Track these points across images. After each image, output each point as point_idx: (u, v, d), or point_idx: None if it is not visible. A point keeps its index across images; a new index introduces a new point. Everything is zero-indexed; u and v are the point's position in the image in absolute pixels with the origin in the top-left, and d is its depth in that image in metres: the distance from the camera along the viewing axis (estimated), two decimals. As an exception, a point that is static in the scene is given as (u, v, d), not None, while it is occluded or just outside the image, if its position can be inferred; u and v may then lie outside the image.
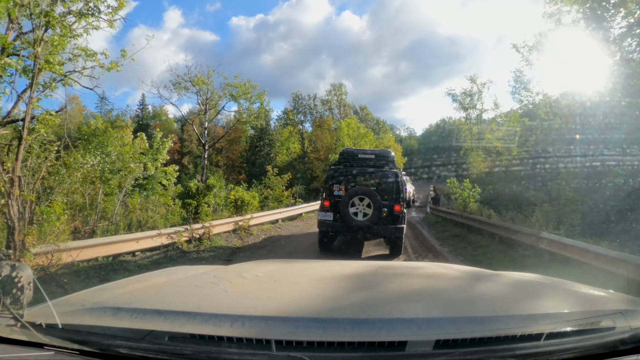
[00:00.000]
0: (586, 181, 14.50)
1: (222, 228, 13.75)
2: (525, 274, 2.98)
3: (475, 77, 48.87)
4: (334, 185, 11.02)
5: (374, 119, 65.63)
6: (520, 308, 1.93)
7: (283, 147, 53.52)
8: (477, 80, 48.62)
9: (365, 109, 64.67)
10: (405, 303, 1.98)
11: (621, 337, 1.58)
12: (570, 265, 8.66)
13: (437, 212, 25.54)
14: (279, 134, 55.62)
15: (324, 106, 57.85)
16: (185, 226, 11.78)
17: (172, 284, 2.33)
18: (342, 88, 58.94)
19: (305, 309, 1.80)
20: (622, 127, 13.84)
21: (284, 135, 54.41)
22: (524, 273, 3.07)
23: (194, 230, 11.85)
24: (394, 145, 52.09)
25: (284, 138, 54.10)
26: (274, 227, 16.84)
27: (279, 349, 1.42)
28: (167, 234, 10.76)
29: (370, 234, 10.84)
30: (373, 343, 1.47)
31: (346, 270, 2.93)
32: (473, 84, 48.70)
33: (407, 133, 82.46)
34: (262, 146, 53.59)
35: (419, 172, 37.10)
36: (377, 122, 65.93)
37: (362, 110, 63.76)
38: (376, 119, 66.60)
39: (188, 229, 11.62)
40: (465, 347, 1.47)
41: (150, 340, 1.47)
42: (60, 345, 1.48)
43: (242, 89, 24.71)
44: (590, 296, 2.31)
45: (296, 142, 54.75)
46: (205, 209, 14.02)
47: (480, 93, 48.58)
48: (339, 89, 58.42)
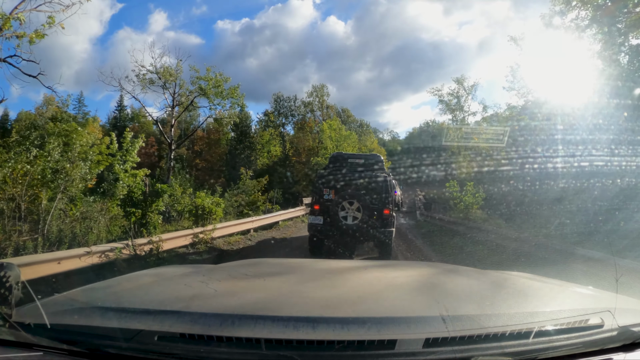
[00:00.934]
0: (574, 181, 14.62)
1: (177, 242, 11.20)
2: (514, 273, 3.00)
3: (462, 78, 48.46)
4: (324, 189, 11.07)
5: (356, 121, 64.63)
6: (509, 306, 1.94)
7: (264, 150, 51.74)
8: (465, 82, 48.26)
9: (347, 111, 63.44)
10: (394, 302, 1.98)
11: (609, 335, 1.59)
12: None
13: (431, 220, 22.90)
14: (260, 137, 53.64)
15: (306, 108, 56.20)
16: (126, 241, 9.44)
17: (161, 284, 2.32)
18: (324, 89, 57.35)
19: (294, 308, 1.80)
20: (610, 128, 14.00)
21: (265, 137, 52.51)
22: (513, 272, 3.09)
23: (138, 246, 9.51)
24: (377, 148, 51.48)
25: (265, 141, 52.26)
26: (243, 239, 14.74)
27: (269, 348, 1.42)
28: (101, 251, 8.42)
29: (360, 237, 10.88)
30: (363, 342, 1.47)
31: (335, 269, 2.93)
32: (460, 86, 48.28)
33: (390, 137, 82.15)
34: (242, 149, 51.12)
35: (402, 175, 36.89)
36: (360, 124, 64.96)
37: (345, 112, 62.43)
38: (359, 121, 65.51)
39: (129, 244, 9.33)
40: (454, 345, 1.47)
41: (140, 340, 1.46)
42: (49, 345, 1.47)
43: (212, 82, 22.94)
44: (578, 294, 2.33)
45: (277, 145, 53.03)
46: (154, 218, 11.46)
47: (468, 95, 48.19)
48: (321, 90, 56.78)
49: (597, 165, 13.91)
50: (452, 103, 48.57)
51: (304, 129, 51.72)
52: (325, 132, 42.04)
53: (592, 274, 7.40)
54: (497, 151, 21.87)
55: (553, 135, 16.76)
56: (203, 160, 53.06)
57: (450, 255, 12.05)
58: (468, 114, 48.02)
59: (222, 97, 23.59)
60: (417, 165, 34.27)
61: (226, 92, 23.44)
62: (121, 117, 59.11)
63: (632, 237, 9.53)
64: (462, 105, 48.39)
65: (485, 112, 42.21)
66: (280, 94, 57.22)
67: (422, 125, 74.91)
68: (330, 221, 10.63)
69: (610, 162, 13.48)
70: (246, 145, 51.37)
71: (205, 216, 13.48)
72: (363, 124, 65.77)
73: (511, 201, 18.89)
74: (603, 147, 13.92)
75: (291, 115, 56.56)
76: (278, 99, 56.74)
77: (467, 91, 48.20)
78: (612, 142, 13.69)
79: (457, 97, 48.41)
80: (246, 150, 51.04)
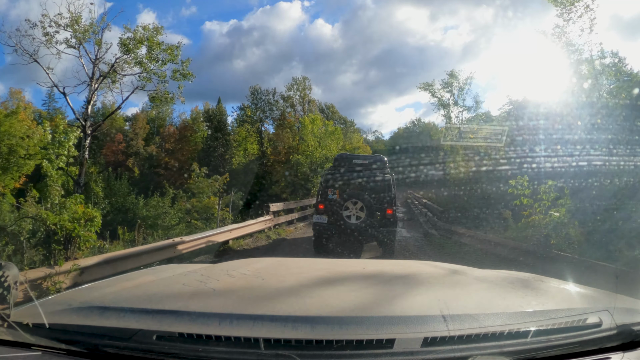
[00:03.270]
0: (573, 181, 14.64)
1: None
2: (513, 272, 3.01)
3: (456, 72, 44.20)
4: (329, 189, 11.41)
5: (341, 118, 59.10)
6: (508, 305, 1.94)
7: (240, 148, 47.07)
8: (460, 75, 43.86)
9: (332, 107, 58.09)
10: (393, 301, 1.99)
11: (607, 334, 1.60)
12: None
13: (462, 239, 14.12)
14: (237, 134, 48.89)
15: (286, 102, 51.12)
16: None
17: (160, 283, 2.32)
18: (306, 82, 51.99)
19: (293, 308, 1.80)
20: (608, 127, 14.02)
21: (242, 134, 47.92)
22: (512, 271, 3.10)
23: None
24: (362, 147, 50.05)
25: (242, 138, 47.66)
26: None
27: (268, 348, 1.42)
28: None
29: (363, 236, 11.19)
30: (361, 341, 1.47)
31: (334, 269, 2.93)
32: (454, 80, 43.94)
33: (374, 137, 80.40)
34: (217, 147, 45.92)
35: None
36: (345, 121, 59.24)
37: (329, 108, 57.25)
38: (344, 118, 59.91)
39: None
40: (453, 344, 1.47)
41: (138, 339, 1.46)
42: (48, 345, 1.47)
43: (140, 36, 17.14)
44: (577, 294, 2.34)
45: (255, 142, 48.38)
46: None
47: (462, 89, 44.27)
48: (303, 83, 51.42)
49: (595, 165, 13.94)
50: (445, 99, 44.81)
51: (284, 125, 47.72)
52: (306, 127, 37.63)
53: (591, 273, 7.43)
54: (495, 150, 21.78)
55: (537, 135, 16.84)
56: (175, 159, 47.32)
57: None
58: (463, 109, 44.91)
59: (155, 61, 17.85)
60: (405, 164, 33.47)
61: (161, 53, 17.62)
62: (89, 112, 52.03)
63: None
64: (456, 100, 44.91)
65: (479, 107, 40.93)
66: (257, 86, 52.29)
67: (407, 124, 72.65)
68: (334, 220, 11.00)
69: (609, 161, 13.51)
70: (221, 142, 46.71)
71: (71, 241, 7.23)
72: (347, 121, 60.22)
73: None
74: (601, 146, 13.94)
75: (270, 110, 51.85)
76: (255, 92, 51.71)
77: (463, 83, 44.54)
78: (610, 141, 13.72)
79: (451, 91, 44.63)
80: (220, 148, 46.27)
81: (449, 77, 43.95)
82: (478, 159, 28.18)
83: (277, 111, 50.88)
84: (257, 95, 51.14)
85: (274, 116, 50.98)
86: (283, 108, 50.39)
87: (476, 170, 28.10)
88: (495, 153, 21.27)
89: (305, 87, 51.12)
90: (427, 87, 44.87)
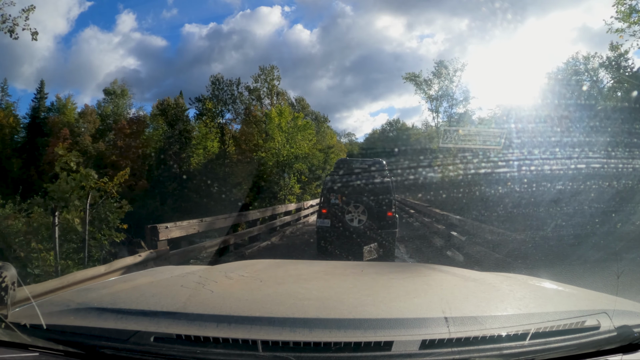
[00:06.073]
0: (571, 183, 14.66)
1: None
2: (511, 275, 3.01)
3: (445, 62, 40.45)
4: (331, 194, 11.67)
5: (313, 112, 51.12)
6: (506, 308, 1.94)
7: (200, 146, 41.72)
8: (450, 66, 40.03)
9: (303, 100, 50.51)
10: (391, 303, 1.98)
11: (605, 337, 1.59)
12: None
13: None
14: (197, 130, 43.28)
15: (252, 95, 44.82)
16: None
17: (158, 285, 2.31)
18: (275, 72, 45.43)
19: (291, 309, 1.80)
20: (607, 130, 14.06)
21: (202, 130, 42.33)
22: (510, 274, 3.10)
23: None
24: (337, 145, 47.66)
25: (202, 134, 42.15)
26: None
27: (265, 350, 1.42)
28: None
29: (365, 239, 11.34)
30: (359, 343, 1.47)
31: (333, 270, 2.93)
32: (443, 69, 40.13)
33: (347, 140, 76.75)
34: (172, 143, 40.11)
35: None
36: (317, 117, 50.68)
37: (299, 102, 49.71)
38: (316, 113, 51.57)
39: None
40: (451, 347, 1.47)
41: (136, 341, 1.46)
42: (45, 346, 1.47)
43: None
44: (575, 296, 2.33)
45: (216, 139, 42.53)
46: None
47: (452, 81, 40.28)
48: (270, 73, 44.98)
49: (593, 167, 13.96)
50: (432, 91, 41.11)
51: (250, 121, 43.06)
52: (273, 120, 33.48)
53: (590, 275, 7.43)
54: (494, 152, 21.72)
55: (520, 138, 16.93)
56: (125, 157, 39.10)
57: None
58: (456, 102, 40.97)
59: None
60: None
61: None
62: (40, 106, 45.63)
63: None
64: (447, 92, 40.90)
65: (468, 102, 38.72)
66: (220, 75, 46.02)
67: (384, 125, 68.97)
68: (337, 223, 11.29)
69: (607, 164, 13.53)
70: (176, 139, 40.88)
71: None
72: (319, 117, 52.04)
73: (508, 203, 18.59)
74: (600, 149, 13.97)
75: (233, 103, 45.38)
76: (217, 82, 45.25)
77: (454, 71, 40.31)
78: (608, 144, 13.75)
79: (439, 82, 40.80)
80: (175, 145, 40.58)
81: (437, 67, 40.93)
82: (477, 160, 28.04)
83: (241, 105, 45.49)
84: (219, 86, 45.33)
85: (238, 110, 45.48)
86: (249, 101, 44.99)
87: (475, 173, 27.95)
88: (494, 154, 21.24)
89: (273, 77, 45.38)
90: (413, 77, 41.49)
